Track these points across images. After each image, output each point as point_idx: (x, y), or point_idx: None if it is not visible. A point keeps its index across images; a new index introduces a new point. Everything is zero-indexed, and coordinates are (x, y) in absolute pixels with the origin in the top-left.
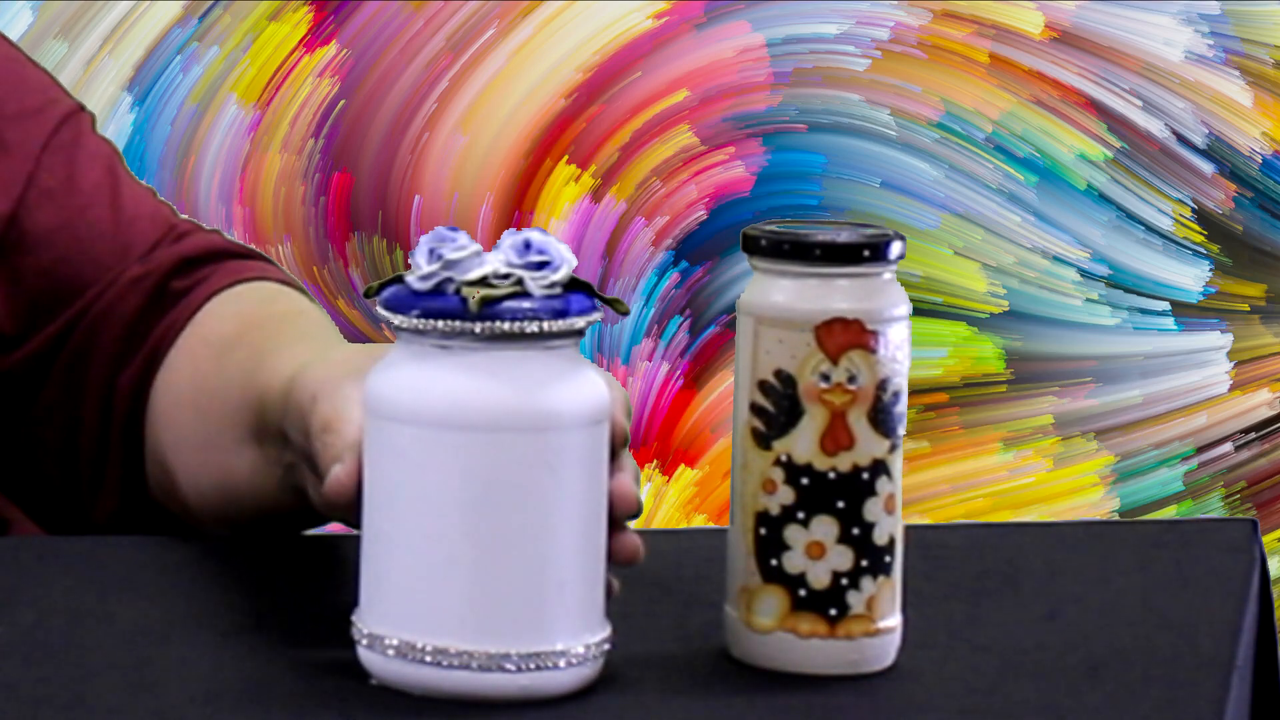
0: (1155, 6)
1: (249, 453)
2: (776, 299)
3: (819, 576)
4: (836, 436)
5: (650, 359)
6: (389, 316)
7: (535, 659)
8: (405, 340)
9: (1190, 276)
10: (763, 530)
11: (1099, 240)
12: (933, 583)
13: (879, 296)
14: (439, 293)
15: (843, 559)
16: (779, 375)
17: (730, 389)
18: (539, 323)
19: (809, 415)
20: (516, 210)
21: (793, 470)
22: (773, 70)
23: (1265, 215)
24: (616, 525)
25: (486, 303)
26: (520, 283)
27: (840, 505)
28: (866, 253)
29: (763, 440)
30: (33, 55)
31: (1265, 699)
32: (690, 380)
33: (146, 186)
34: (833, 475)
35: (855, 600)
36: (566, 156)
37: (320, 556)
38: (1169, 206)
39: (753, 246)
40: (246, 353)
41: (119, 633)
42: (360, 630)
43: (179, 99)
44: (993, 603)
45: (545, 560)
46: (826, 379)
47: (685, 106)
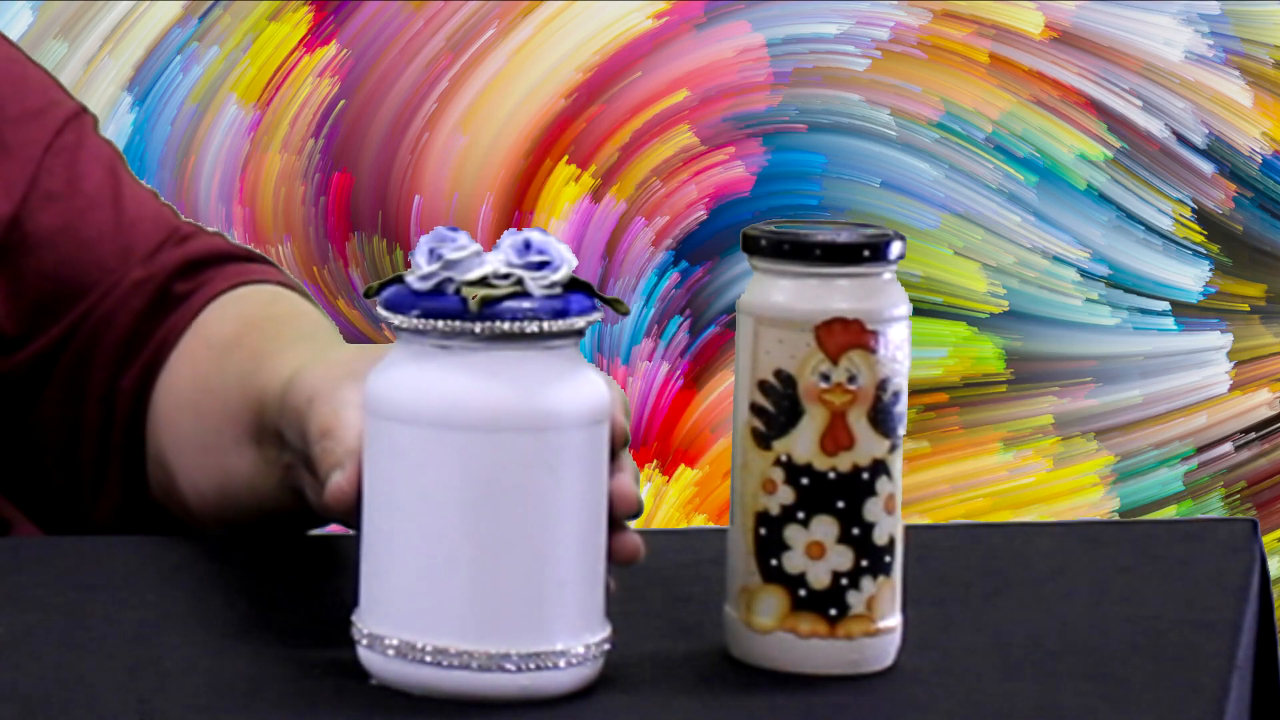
0: (1155, 6)
1: (248, 454)
2: (776, 299)
3: (819, 576)
4: (836, 436)
5: (650, 359)
6: (389, 316)
7: (535, 659)
8: (405, 340)
9: (1190, 276)
10: (763, 530)
11: (1099, 240)
12: (933, 583)
13: (879, 296)
14: (439, 293)
15: (843, 559)
16: (779, 375)
17: (730, 389)
18: (539, 323)
19: (809, 415)
20: (516, 210)
21: (793, 470)
22: (773, 70)
23: (1265, 215)
24: (616, 525)
25: (486, 303)
26: (520, 283)
27: (840, 505)
28: (866, 253)
29: (763, 440)
30: (33, 55)
31: (1265, 699)
32: (690, 380)
33: (149, 189)
34: (833, 475)
35: (855, 600)
36: (566, 156)
37: (320, 556)
38: (1169, 206)
39: (753, 246)
40: (246, 354)
41: (119, 633)
42: (360, 630)
43: (179, 99)
44: (993, 603)
45: (545, 560)
46: (826, 379)
47: (685, 106)
